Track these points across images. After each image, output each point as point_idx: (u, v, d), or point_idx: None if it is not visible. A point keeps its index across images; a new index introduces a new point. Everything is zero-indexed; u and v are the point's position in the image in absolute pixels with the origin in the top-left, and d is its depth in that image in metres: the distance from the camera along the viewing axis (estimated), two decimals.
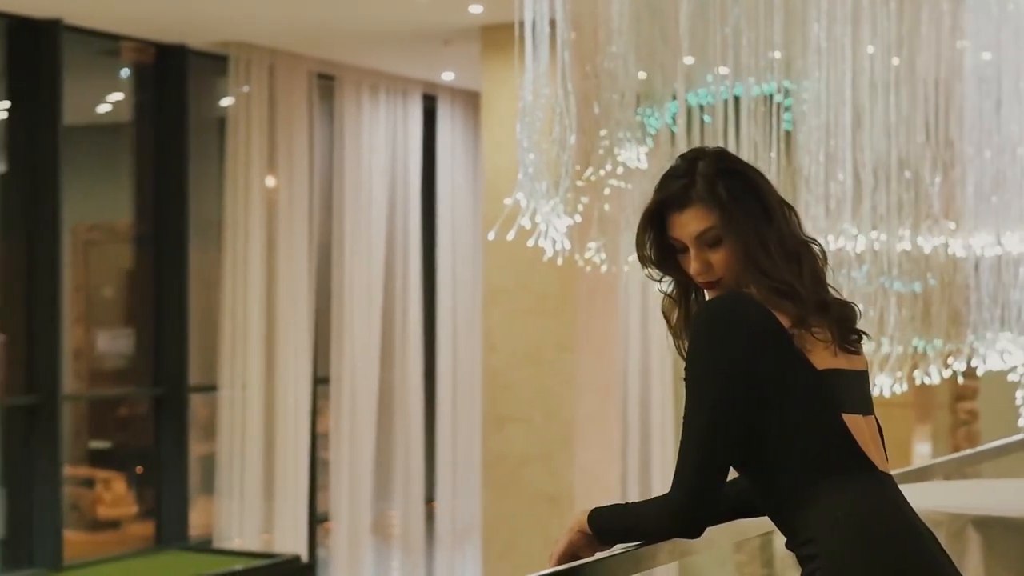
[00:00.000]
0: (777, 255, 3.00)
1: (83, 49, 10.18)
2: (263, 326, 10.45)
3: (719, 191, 3.01)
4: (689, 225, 3.04)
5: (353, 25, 10.00)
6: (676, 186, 3.06)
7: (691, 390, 2.97)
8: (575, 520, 3.15)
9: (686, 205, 3.04)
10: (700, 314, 3.02)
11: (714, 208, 3.01)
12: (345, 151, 11.15)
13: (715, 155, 3.10)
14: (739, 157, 3.21)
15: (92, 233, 11.04)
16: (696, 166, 3.06)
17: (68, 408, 10.53)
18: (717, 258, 3.03)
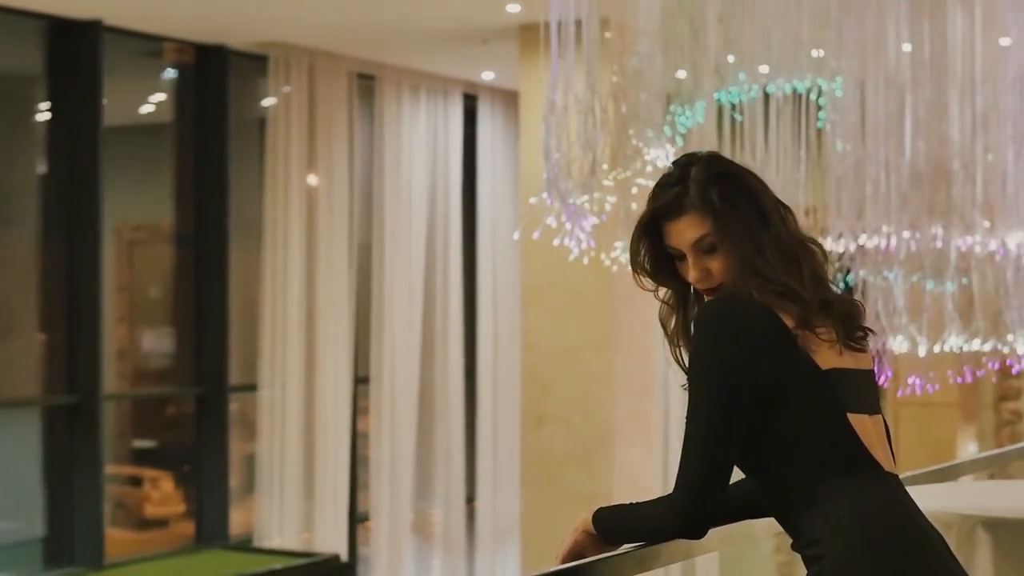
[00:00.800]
0: (774, 259, 2.98)
1: (125, 50, 10.23)
2: (303, 326, 10.47)
3: (712, 197, 3.00)
4: (685, 233, 3.03)
5: (392, 25, 10.01)
6: (669, 194, 3.05)
7: (693, 390, 2.96)
8: (580, 520, 3.16)
9: (680, 213, 3.03)
10: (702, 315, 3.01)
11: (708, 215, 3.00)
12: (385, 151, 11.16)
13: (707, 160, 3.09)
14: (732, 160, 3.18)
15: (136, 233, 11.10)
16: (689, 172, 3.05)
17: (112, 407, 10.60)
18: (715, 264, 3.02)
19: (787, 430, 2.93)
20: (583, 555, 3.13)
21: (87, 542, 9.55)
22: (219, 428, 10.40)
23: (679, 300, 3.15)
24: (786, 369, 2.92)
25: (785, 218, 3.06)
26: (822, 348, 2.95)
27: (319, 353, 10.55)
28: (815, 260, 3.05)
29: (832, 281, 3.12)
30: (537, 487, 9.87)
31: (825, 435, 2.94)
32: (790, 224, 3.06)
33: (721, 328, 2.94)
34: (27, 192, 9.82)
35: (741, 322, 2.93)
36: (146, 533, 10.88)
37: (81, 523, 9.54)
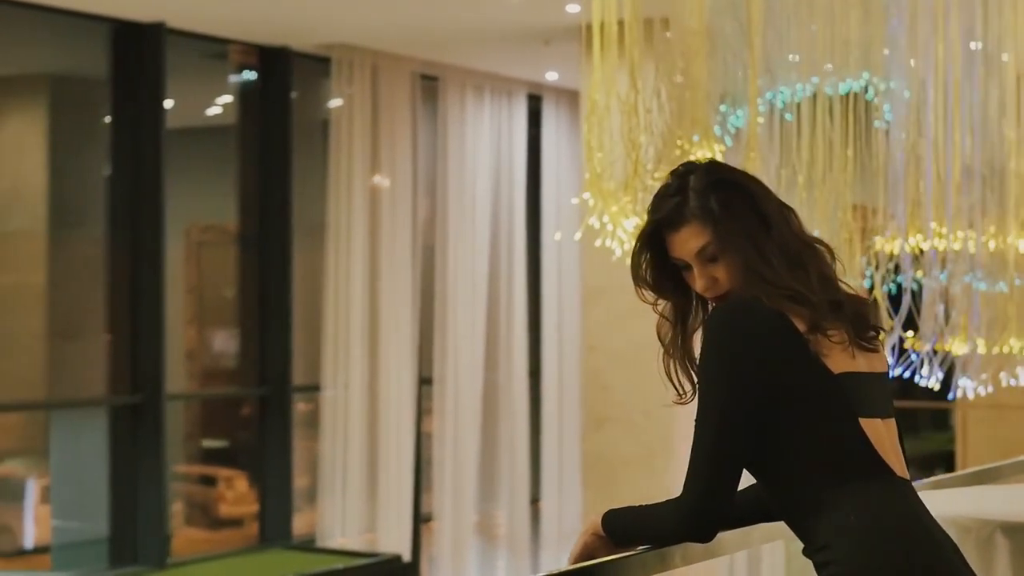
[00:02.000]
0: (779, 263, 2.95)
1: (191, 52, 10.31)
2: (366, 326, 10.51)
3: (712, 205, 2.98)
4: (688, 243, 3.01)
5: (455, 26, 10.02)
6: (669, 205, 3.03)
7: (702, 394, 2.95)
8: (590, 522, 3.15)
9: (681, 224, 3.01)
10: (711, 320, 2.98)
11: (709, 223, 2.98)
12: (449, 152, 11.17)
13: (706, 168, 3.07)
14: (732, 166, 3.17)
15: (205, 235, 11.18)
16: (687, 182, 3.03)
17: (181, 408, 10.70)
18: (721, 272, 3.00)
19: (797, 435, 2.91)
20: (594, 557, 3.12)
21: (150, 541, 9.62)
22: (283, 428, 10.45)
23: (677, 313, 3.12)
24: (796, 374, 2.90)
25: (789, 221, 3.03)
26: (834, 351, 2.92)
27: (382, 354, 10.58)
28: (822, 261, 3.02)
29: (843, 280, 3.09)
30: (598, 488, 9.84)
31: (836, 440, 2.91)
32: (794, 227, 3.03)
33: (731, 332, 2.92)
34: (94, 194, 9.91)
35: (751, 327, 2.90)
36: (220, 532, 10.95)
37: (144, 522, 9.61)
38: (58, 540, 10.07)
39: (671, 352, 3.13)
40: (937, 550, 2.92)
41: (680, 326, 3.12)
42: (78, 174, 10.02)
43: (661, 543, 3.13)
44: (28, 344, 9.82)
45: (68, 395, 9.99)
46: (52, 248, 9.96)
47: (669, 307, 3.14)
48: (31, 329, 9.81)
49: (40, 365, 9.88)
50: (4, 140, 9.85)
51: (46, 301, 9.91)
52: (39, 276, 9.92)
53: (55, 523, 10.06)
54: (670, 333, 3.14)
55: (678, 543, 3.11)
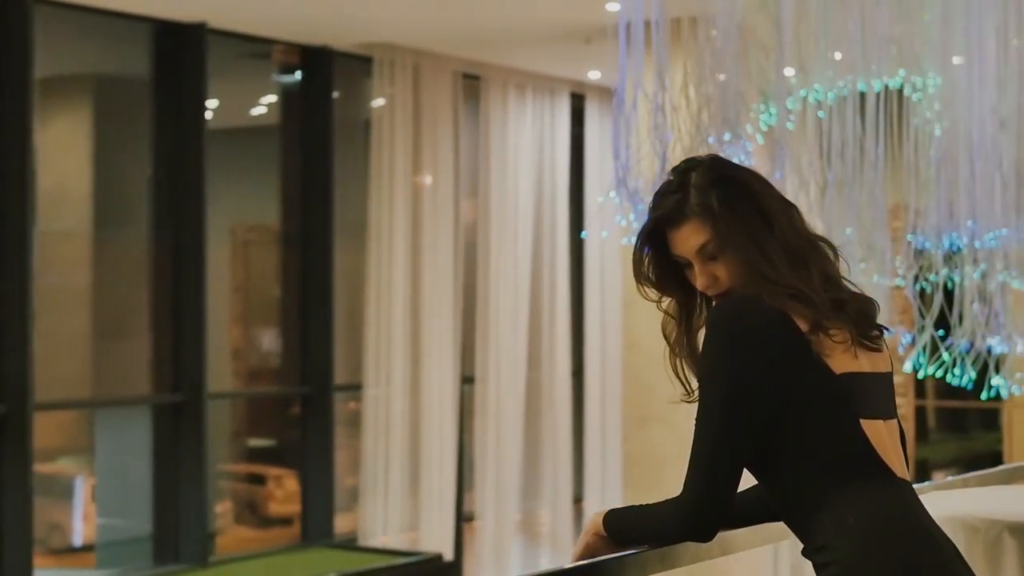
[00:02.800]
0: (780, 261, 2.93)
1: (234, 52, 10.36)
2: (408, 326, 10.52)
3: (712, 203, 2.95)
4: (688, 240, 2.99)
5: (496, 25, 10.01)
6: (670, 202, 3.01)
7: (703, 393, 2.92)
8: (591, 522, 3.14)
9: (682, 221, 2.99)
10: (712, 318, 2.95)
11: (709, 220, 2.96)
12: (491, 151, 11.17)
13: (707, 164, 3.04)
14: (735, 163, 3.13)
15: (251, 234, 11.22)
16: (688, 178, 3.01)
17: (228, 406, 10.75)
18: (721, 270, 2.98)
19: (798, 435, 2.89)
20: (596, 556, 3.11)
21: (193, 539, 9.66)
22: (324, 427, 10.48)
23: (681, 311, 3.11)
24: (797, 374, 2.87)
25: (792, 218, 3.00)
26: (836, 351, 2.90)
27: (424, 353, 10.59)
28: (825, 260, 3.00)
29: (847, 279, 3.07)
30: (640, 487, 9.82)
31: (836, 441, 2.89)
32: (797, 224, 3.00)
33: (732, 331, 2.89)
34: (138, 194, 9.96)
35: (752, 325, 2.88)
36: (270, 531, 10.98)
37: (187, 521, 9.66)
38: (103, 538, 10.13)
39: (676, 350, 3.12)
40: (937, 551, 2.90)
41: (685, 324, 3.11)
42: (122, 174, 10.07)
43: (661, 543, 3.10)
44: (74, 344, 9.88)
45: (113, 394, 10.05)
46: (97, 248, 10.02)
47: (673, 305, 3.13)
48: (77, 329, 9.87)
49: (85, 364, 9.94)
50: (50, 140, 9.89)
51: (91, 301, 9.97)
52: (84, 276, 9.98)
53: (100, 521, 10.12)
54: (675, 331, 3.14)
55: (678, 543, 3.08)
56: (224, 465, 11.23)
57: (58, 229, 9.86)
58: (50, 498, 10.16)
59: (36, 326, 9.23)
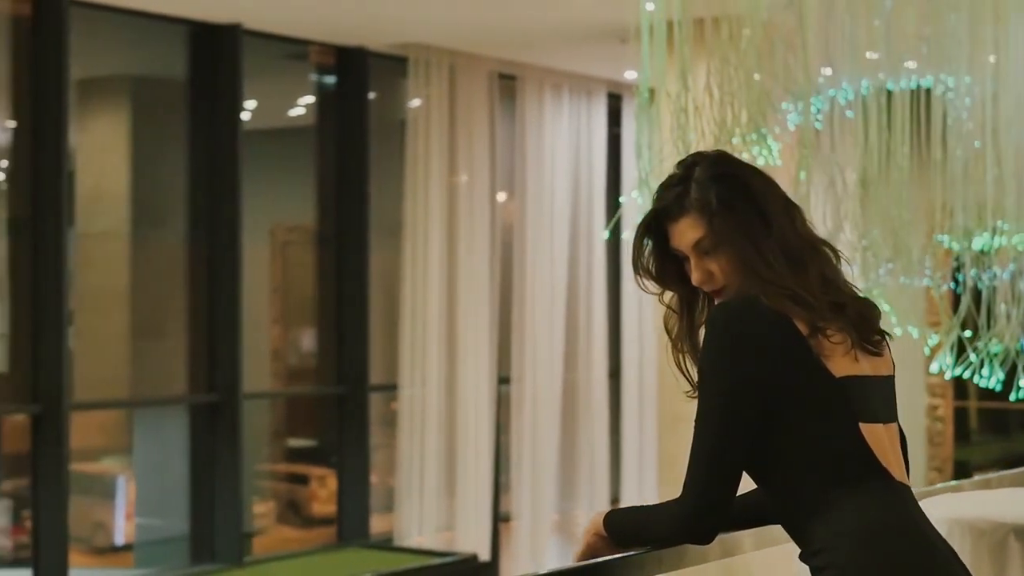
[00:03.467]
0: (777, 261, 2.91)
1: (272, 53, 10.39)
2: (443, 326, 10.52)
3: (710, 198, 2.94)
4: (685, 234, 2.98)
5: (532, 24, 9.99)
6: (671, 195, 3.01)
7: (702, 395, 2.92)
8: (592, 522, 3.13)
9: (680, 215, 2.98)
10: (712, 319, 2.94)
11: (705, 216, 2.95)
12: (527, 151, 11.16)
13: (711, 160, 3.03)
14: (740, 160, 3.10)
15: (290, 235, 11.25)
16: (692, 172, 3.00)
17: (267, 406, 10.79)
18: (716, 266, 2.97)
19: (796, 438, 2.87)
20: (598, 557, 3.10)
21: (228, 539, 9.69)
22: (360, 427, 10.49)
23: (683, 304, 3.10)
24: (797, 377, 2.86)
25: (793, 219, 2.99)
26: (836, 354, 2.88)
27: (460, 353, 10.59)
28: (825, 262, 2.98)
29: (852, 283, 3.04)
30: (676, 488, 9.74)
31: (834, 445, 2.87)
32: (799, 225, 2.99)
33: (732, 333, 2.88)
34: (175, 194, 10.00)
35: (752, 327, 2.86)
36: (312, 531, 11.00)
37: (223, 520, 9.69)
38: (141, 537, 10.18)
39: (678, 345, 3.11)
40: (934, 555, 2.88)
41: (687, 318, 3.11)
42: (160, 175, 10.12)
43: (661, 544, 3.10)
44: (112, 343, 9.93)
45: (150, 394, 10.10)
46: (135, 249, 10.06)
47: (675, 299, 3.12)
48: (115, 329, 9.92)
49: (124, 364, 9.99)
50: (89, 141, 9.96)
51: (129, 301, 10.01)
52: (123, 276, 10.03)
53: (138, 520, 10.17)
54: (677, 326, 3.12)
55: (677, 544, 3.08)
56: (267, 465, 11.28)
57: (98, 230, 9.91)
58: (94, 497, 10.23)
59: (75, 326, 9.31)
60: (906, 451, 3.04)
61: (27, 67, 8.86)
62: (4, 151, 9.27)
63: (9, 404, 9.13)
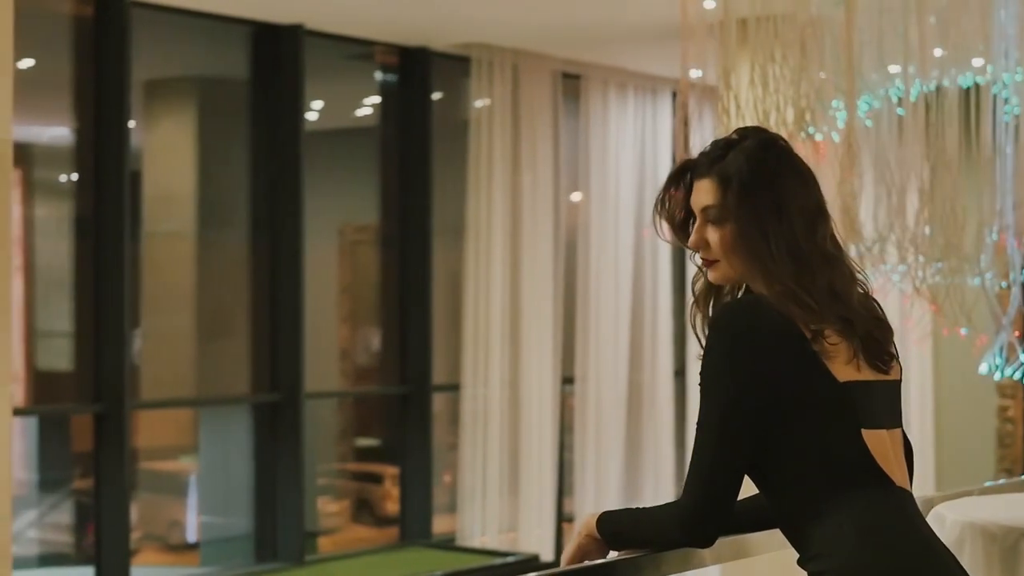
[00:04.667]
0: (781, 258, 2.87)
1: (336, 53, 10.41)
2: (507, 325, 10.51)
3: (734, 173, 2.91)
4: (700, 195, 2.98)
5: (596, 23, 9.95)
6: (711, 153, 2.99)
7: (704, 396, 2.89)
8: (584, 524, 3.10)
9: (704, 175, 2.97)
10: (716, 318, 2.91)
11: (722, 188, 2.92)
12: (591, 150, 11.12)
13: (761, 141, 3.00)
14: (792, 154, 3.03)
15: (359, 234, 11.28)
16: (740, 144, 2.97)
17: (335, 405, 10.83)
18: (716, 238, 2.94)
19: (796, 442, 2.85)
20: (588, 559, 3.07)
21: (290, 538, 9.73)
22: (423, 427, 10.50)
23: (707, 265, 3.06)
24: (800, 381, 2.84)
25: (815, 227, 2.94)
26: (839, 358, 2.86)
27: (523, 353, 10.57)
28: (837, 276, 2.93)
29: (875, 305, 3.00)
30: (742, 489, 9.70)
31: (834, 449, 2.85)
32: (819, 235, 2.94)
33: (734, 334, 2.86)
34: (239, 194, 10.05)
35: (756, 331, 2.84)
36: (386, 529, 11.02)
37: (284, 519, 9.72)
38: (206, 535, 10.24)
39: (699, 305, 3.08)
40: (931, 561, 2.83)
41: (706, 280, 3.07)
42: (225, 176, 10.18)
43: (658, 548, 3.06)
44: (179, 343, 10.00)
45: (215, 393, 10.16)
46: (201, 249, 10.13)
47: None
48: (182, 328, 9.99)
49: (190, 364, 10.06)
50: (156, 143, 10.04)
51: (195, 301, 10.08)
52: (189, 277, 10.10)
53: (204, 519, 10.24)
54: (700, 282, 3.10)
55: (676, 548, 3.04)
56: (340, 464, 11.33)
57: (165, 230, 9.98)
58: (169, 495, 10.32)
59: (143, 325, 9.39)
60: (911, 458, 3.00)
61: (90, 68, 8.93)
62: (68, 152, 9.36)
63: (73, 403, 9.22)
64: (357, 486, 11.20)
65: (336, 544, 10.69)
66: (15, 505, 9.40)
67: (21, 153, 9.57)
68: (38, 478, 9.75)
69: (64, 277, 9.30)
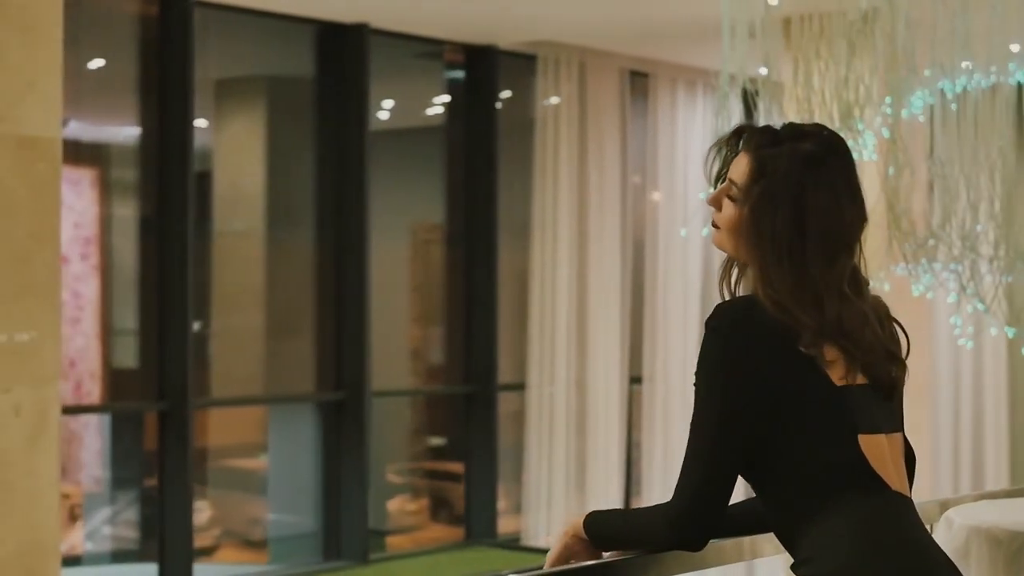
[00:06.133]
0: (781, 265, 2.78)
1: (405, 52, 10.43)
2: (573, 324, 10.48)
3: (773, 173, 2.81)
4: (736, 166, 2.87)
5: (662, 20, 9.89)
6: (764, 133, 2.88)
7: (698, 396, 2.83)
8: (571, 525, 3.04)
9: (748, 151, 2.85)
10: (710, 320, 2.84)
11: (755, 176, 2.82)
12: (659, 149, 11.05)
13: (812, 155, 2.84)
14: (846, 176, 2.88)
15: (431, 233, 11.29)
16: (796, 144, 2.85)
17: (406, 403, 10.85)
18: (728, 212, 2.87)
19: (791, 446, 2.79)
20: (573, 561, 3.01)
21: (353, 536, 9.75)
22: (488, 426, 10.49)
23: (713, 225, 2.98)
24: (795, 383, 2.77)
25: (834, 258, 2.81)
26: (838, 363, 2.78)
27: (590, 352, 10.54)
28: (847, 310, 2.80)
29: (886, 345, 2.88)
30: None
31: (829, 454, 2.78)
32: (835, 267, 2.81)
33: (729, 337, 2.79)
34: (307, 193, 10.09)
35: (751, 333, 2.78)
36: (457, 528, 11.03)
37: (348, 518, 9.75)
38: (277, 533, 10.29)
39: (726, 268, 2.99)
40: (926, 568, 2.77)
41: None
42: (293, 174, 10.23)
43: (647, 550, 3.01)
44: (249, 341, 10.06)
45: (284, 391, 10.20)
46: (270, 248, 10.18)
47: None
48: (252, 326, 10.05)
49: (259, 362, 10.12)
50: (226, 142, 10.11)
51: (265, 299, 10.14)
52: (259, 275, 10.16)
53: (274, 516, 10.29)
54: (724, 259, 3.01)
55: (666, 551, 2.98)
56: (414, 463, 11.35)
57: (236, 229, 10.05)
58: (248, 493, 10.40)
59: (213, 324, 9.46)
60: (912, 464, 2.93)
61: (155, 68, 9.00)
62: (133, 151, 9.43)
63: (138, 401, 9.29)
64: (435, 484, 11.21)
65: (415, 542, 10.71)
66: (90, 502, 9.56)
67: (97, 153, 9.70)
68: (111, 475, 9.83)
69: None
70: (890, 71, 6.17)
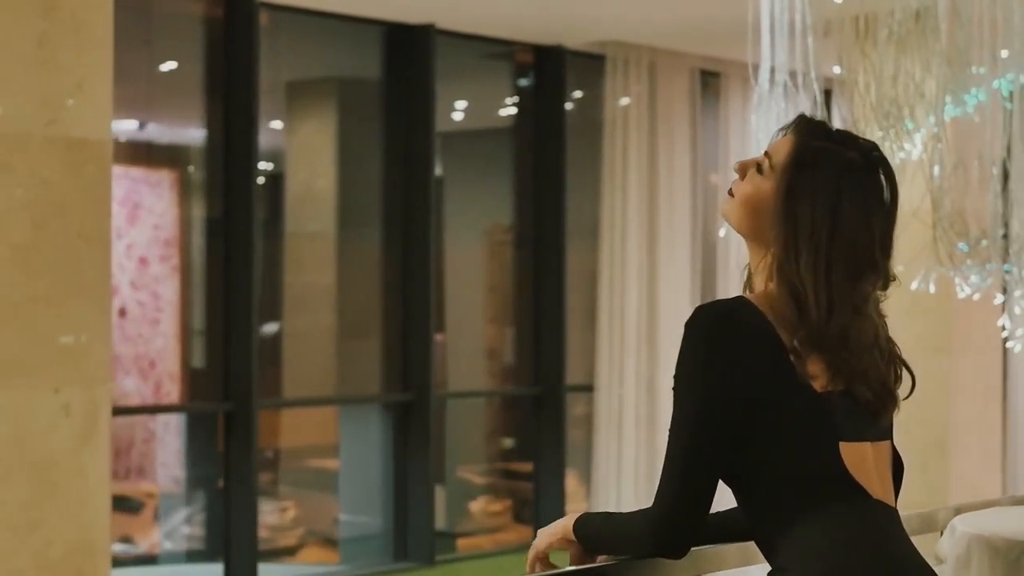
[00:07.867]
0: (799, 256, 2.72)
1: (474, 53, 10.43)
2: (643, 326, 10.42)
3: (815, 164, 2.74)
4: (778, 144, 2.80)
5: (733, 19, 9.80)
6: (818, 126, 2.81)
7: (677, 401, 2.77)
8: (561, 526, 3.01)
9: (797, 137, 2.78)
10: (690, 321, 2.76)
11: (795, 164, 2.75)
12: (730, 149, 10.96)
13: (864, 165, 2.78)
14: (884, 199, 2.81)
15: (507, 235, 11.29)
16: (845, 146, 2.78)
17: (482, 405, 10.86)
18: (749, 190, 2.81)
19: (770, 452, 2.73)
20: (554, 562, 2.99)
21: (420, 537, 9.76)
22: (556, 428, 10.46)
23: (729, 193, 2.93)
24: (775, 390, 2.71)
25: (858, 274, 2.75)
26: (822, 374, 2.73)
27: (660, 353, 10.46)
28: (860, 330, 2.75)
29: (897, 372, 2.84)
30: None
31: (808, 461, 2.72)
32: (858, 285, 2.75)
33: (709, 339, 2.72)
34: (373, 195, 10.12)
35: (731, 336, 2.71)
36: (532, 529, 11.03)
37: (414, 519, 9.76)
38: (348, 533, 10.32)
39: None
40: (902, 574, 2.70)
41: None
42: (363, 176, 10.26)
43: (629, 555, 2.96)
44: (321, 342, 10.10)
45: (354, 392, 10.24)
46: (340, 249, 10.22)
47: None
48: (323, 327, 10.09)
49: (331, 362, 10.16)
50: (298, 143, 10.16)
51: (336, 300, 10.18)
52: (329, 276, 10.20)
53: (345, 517, 10.32)
54: None
55: (646, 556, 2.92)
56: (490, 464, 11.35)
57: (307, 230, 10.10)
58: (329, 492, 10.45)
59: (285, 325, 9.52)
60: (900, 472, 2.86)
61: (223, 69, 9.05)
62: (199, 152, 9.50)
63: (204, 401, 9.36)
64: (516, 485, 11.19)
65: (496, 543, 10.69)
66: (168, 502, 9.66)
67: (176, 155, 9.80)
68: (188, 475, 9.91)
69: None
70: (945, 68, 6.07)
